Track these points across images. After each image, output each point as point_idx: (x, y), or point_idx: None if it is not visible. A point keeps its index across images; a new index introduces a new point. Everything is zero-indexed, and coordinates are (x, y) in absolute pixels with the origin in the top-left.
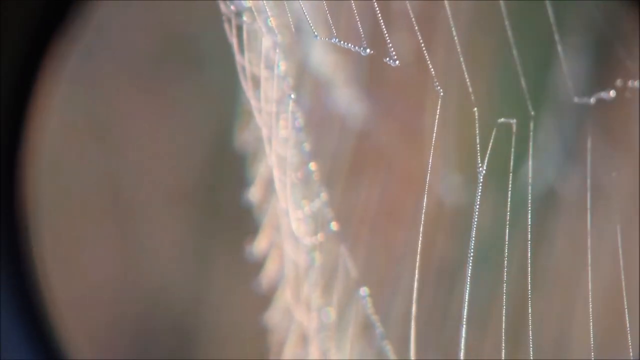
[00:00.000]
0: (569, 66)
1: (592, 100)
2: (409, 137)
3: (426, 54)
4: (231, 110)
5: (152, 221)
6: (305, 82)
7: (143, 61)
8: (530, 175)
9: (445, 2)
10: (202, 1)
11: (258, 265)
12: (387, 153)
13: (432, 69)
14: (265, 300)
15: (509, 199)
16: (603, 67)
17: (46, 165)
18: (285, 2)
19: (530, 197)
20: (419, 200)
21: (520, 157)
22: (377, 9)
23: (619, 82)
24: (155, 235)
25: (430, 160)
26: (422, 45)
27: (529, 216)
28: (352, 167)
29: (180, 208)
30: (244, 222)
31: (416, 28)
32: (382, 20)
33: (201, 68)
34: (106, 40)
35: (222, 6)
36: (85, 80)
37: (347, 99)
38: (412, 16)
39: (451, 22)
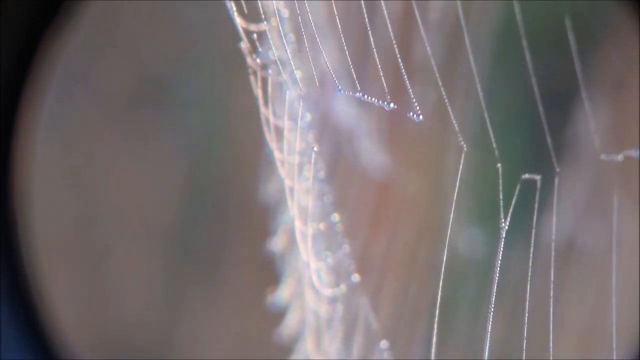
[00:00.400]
0: (596, 122)
1: (620, 157)
2: (432, 190)
3: (449, 108)
4: (207, 152)
5: (126, 263)
6: (328, 133)
7: (120, 103)
8: (554, 231)
9: (470, 57)
10: (179, 44)
11: (279, 316)
12: (409, 205)
13: (455, 124)
14: (285, 350)
15: (531, 256)
16: (632, 124)
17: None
18: (309, 56)
19: (553, 255)
20: (440, 253)
21: (544, 213)
22: (401, 62)
23: None
24: (128, 278)
25: (452, 214)
26: (445, 99)
27: (552, 273)
28: (374, 218)
29: (154, 249)
30: (220, 263)
31: (439, 82)
32: (405, 74)
33: (178, 110)
34: (83, 82)
35: (249, 59)
36: (62, 121)
37: (369, 151)
38: (435, 70)
39: (476, 77)
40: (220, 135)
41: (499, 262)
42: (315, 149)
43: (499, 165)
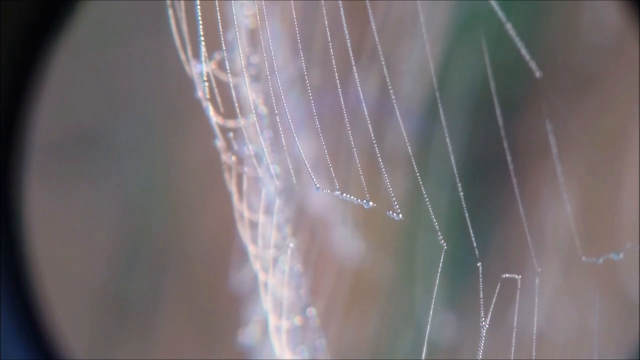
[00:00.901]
0: (578, 224)
1: (601, 261)
2: (407, 280)
3: (429, 206)
4: (141, 207)
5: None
6: (305, 225)
7: (52, 157)
8: (535, 331)
9: (451, 157)
10: (114, 94)
11: None
12: (386, 295)
13: (435, 222)
14: None
15: (512, 355)
16: (613, 228)
17: None
18: (286, 151)
19: (534, 354)
20: (419, 341)
21: (525, 312)
22: (380, 157)
23: (629, 245)
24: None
25: (431, 311)
26: (426, 197)
27: None
28: (348, 306)
29: (85, 309)
30: (154, 317)
31: (420, 182)
32: (384, 171)
33: (112, 163)
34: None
35: (223, 156)
36: None
37: (345, 239)
38: (415, 169)
39: (457, 178)
40: (157, 188)
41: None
42: (291, 245)
43: (479, 264)
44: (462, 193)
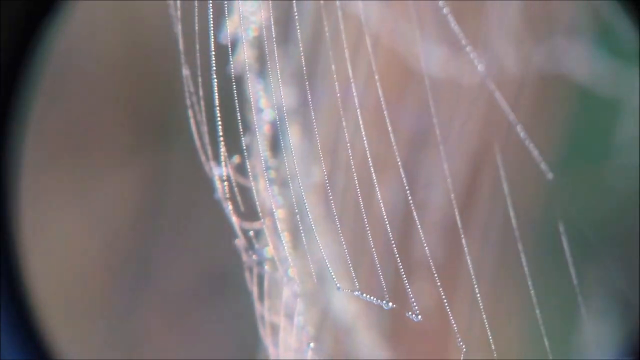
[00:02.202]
0: (592, 328)
1: None
2: None
3: (448, 309)
4: None
5: None
6: (326, 328)
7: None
8: None
9: (467, 256)
10: None
11: None
12: None
13: (454, 324)
14: None
15: None
16: (627, 332)
17: None
18: (307, 252)
19: None
20: None
21: None
22: (399, 259)
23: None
24: None
25: None
26: (445, 299)
27: None
28: None
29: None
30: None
31: (438, 283)
32: (403, 272)
33: None
34: None
35: (244, 256)
36: None
37: (368, 346)
38: (433, 269)
39: (473, 278)
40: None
41: None
42: (312, 345)
43: None
44: (479, 295)
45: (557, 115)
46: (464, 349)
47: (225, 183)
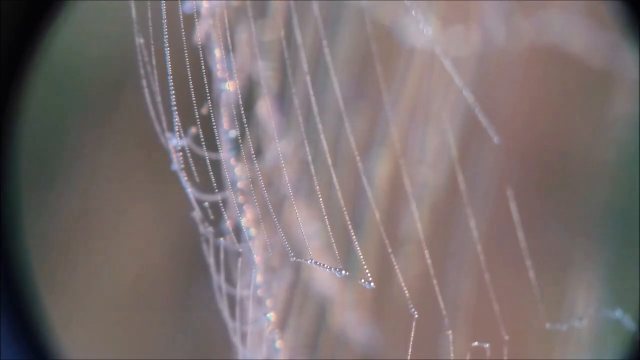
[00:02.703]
0: (542, 292)
1: (564, 327)
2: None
3: (399, 275)
4: None
5: None
6: (294, 303)
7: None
8: None
9: (418, 225)
10: None
11: None
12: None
13: (405, 290)
14: None
15: None
16: (576, 294)
17: None
18: (262, 224)
19: None
20: None
21: None
22: (350, 225)
23: (592, 310)
24: None
25: None
26: (395, 265)
27: None
28: None
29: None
30: None
31: (389, 250)
32: (355, 240)
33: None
34: None
35: (200, 227)
36: None
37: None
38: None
39: (425, 251)
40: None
41: None
42: (269, 317)
43: (449, 332)
44: (429, 260)
45: (550, 90)
46: (416, 315)
47: (181, 154)
